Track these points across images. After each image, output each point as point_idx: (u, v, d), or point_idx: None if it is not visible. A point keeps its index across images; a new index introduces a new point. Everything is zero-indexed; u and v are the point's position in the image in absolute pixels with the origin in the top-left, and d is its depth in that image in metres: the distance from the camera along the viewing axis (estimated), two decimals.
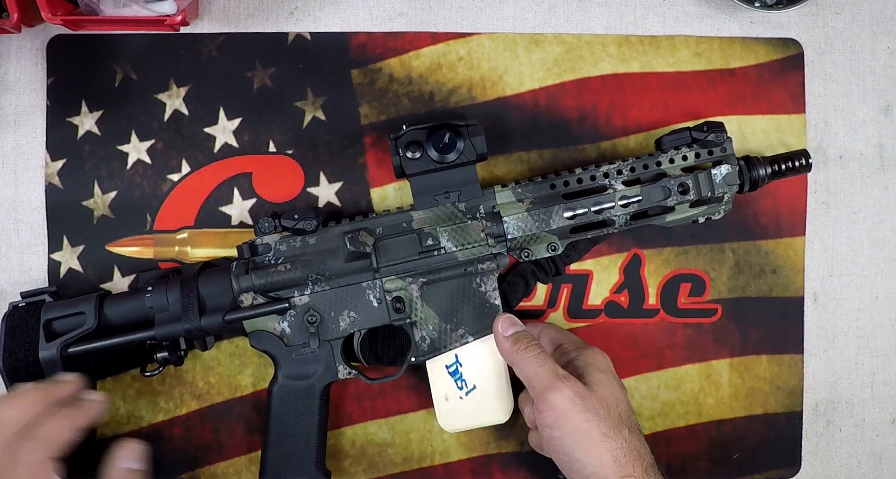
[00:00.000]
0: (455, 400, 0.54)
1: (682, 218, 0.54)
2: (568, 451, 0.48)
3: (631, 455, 0.47)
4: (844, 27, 0.60)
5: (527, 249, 0.53)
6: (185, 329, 0.52)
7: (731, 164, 0.53)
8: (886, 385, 0.61)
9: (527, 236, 0.53)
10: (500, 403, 0.54)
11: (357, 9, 0.58)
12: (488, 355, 0.53)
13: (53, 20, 0.52)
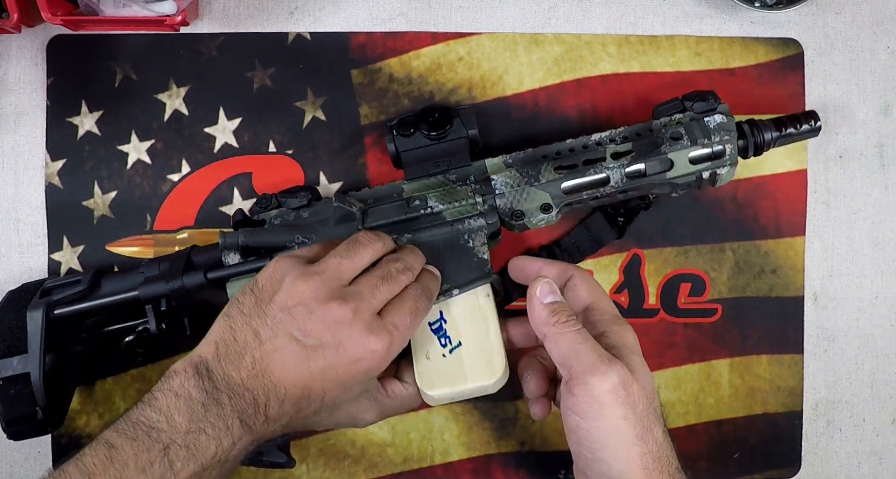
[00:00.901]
0: (437, 358, 0.49)
1: (685, 174, 0.51)
2: (595, 448, 0.43)
3: (660, 461, 0.43)
4: (844, 27, 0.60)
5: (518, 210, 0.51)
6: (167, 288, 0.51)
7: (724, 113, 0.52)
8: (886, 385, 0.61)
9: (516, 193, 0.51)
10: (489, 362, 0.49)
11: (357, 9, 0.58)
12: (475, 309, 0.50)
13: (53, 20, 0.52)
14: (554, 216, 0.52)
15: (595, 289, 0.49)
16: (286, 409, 0.43)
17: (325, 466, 0.58)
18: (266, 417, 0.43)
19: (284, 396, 0.43)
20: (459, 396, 0.50)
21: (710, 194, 0.59)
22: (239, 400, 0.42)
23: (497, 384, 0.49)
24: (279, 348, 0.43)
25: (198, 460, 0.41)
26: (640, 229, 0.59)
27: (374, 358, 0.44)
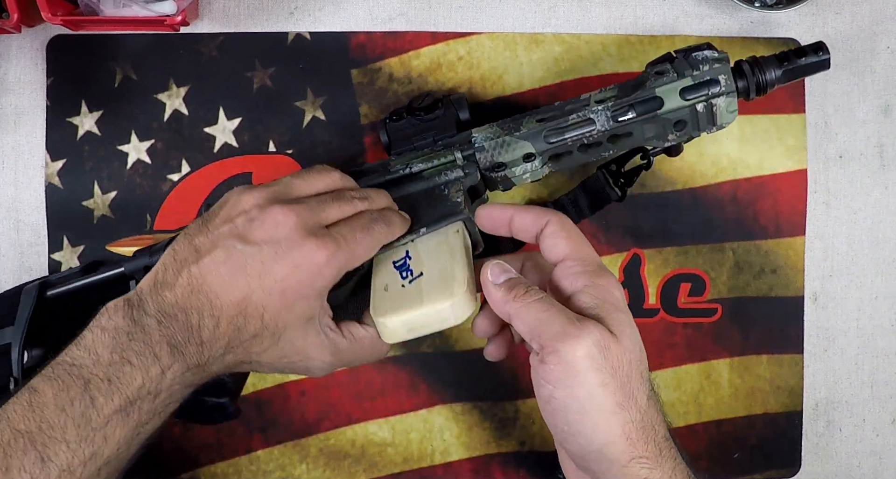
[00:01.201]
0: (396, 289, 0.45)
1: (676, 108, 0.47)
2: (572, 420, 0.38)
3: (645, 430, 0.38)
4: (844, 27, 0.60)
5: (499, 162, 0.49)
6: (151, 261, 0.50)
7: (714, 49, 0.48)
8: (886, 385, 0.61)
9: (496, 145, 0.49)
10: (449, 286, 0.43)
11: (357, 9, 0.58)
12: (443, 244, 0.46)
13: (53, 20, 0.52)
14: (539, 166, 0.48)
15: (574, 236, 0.43)
16: (223, 330, 0.41)
17: (325, 466, 0.59)
18: (200, 340, 0.40)
19: (221, 313, 0.41)
20: (417, 326, 0.44)
21: (710, 194, 0.59)
22: (170, 323, 0.40)
23: (458, 310, 0.43)
24: (217, 258, 0.41)
25: (122, 392, 0.38)
26: (639, 229, 0.59)
27: (314, 265, 0.41)
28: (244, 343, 0.42)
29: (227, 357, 0.42)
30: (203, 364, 0.41)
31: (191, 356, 0.40)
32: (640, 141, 0.49)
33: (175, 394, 0.41)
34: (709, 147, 0.59)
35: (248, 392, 0.58)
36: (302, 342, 0.43)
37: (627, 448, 0.38)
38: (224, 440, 0.58)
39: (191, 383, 0.42)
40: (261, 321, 0.41)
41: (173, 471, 0.58)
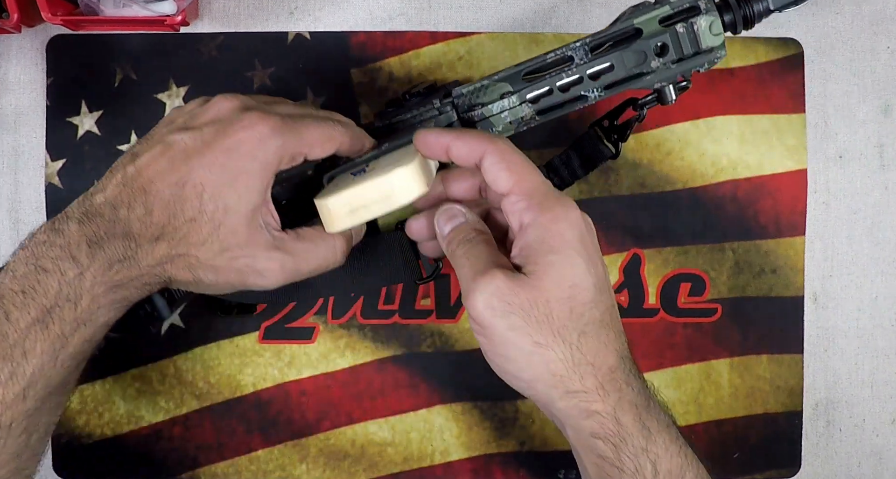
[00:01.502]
0: (344, 180, 0.44)
1: (656, 32, 0.44)
2: (498, 363, 0.39)
3: (578, 366, 0.37)
4: (844, 27, 0.60)
5: (477, 103, 0.46)
6: None
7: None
8: (886, 385, 0.61)
9: (475, 91, 0.46)
10: (396, 164, 0.41)
11: (357, 9, 0.58)
12: (401, 151, 0.44)
13: (53, 20, 0.52)
14: (517, 103, 0.46)
15: (516, 166, 0.40)
16: (155, 218, 0.38)
17: (325, 466, 0.59)
18: (128, 232, 0.37)
19: (154, 200, 0.38)
20: (360, 204, 0.42)
21: (710, 194, 0.59)
22: (92, 222, 0.37)
23: (401, 184, 0.41)
24: (155, 152, 0.39)
25: (38, 302, 0.36)
26: (639, 229, 0.59)
27: (257, 136, 0.39)
28: (180, 230, 0.38)
29: (159, 247, 0.38)
30: (130, 258, 0.37)
31: (114, 251, 0.37)
32: (621, 73, 0.45)
33: (100, 298, 0.37)
34: (709, 147, 0.59)
35: (247, 392, 0.58)
36: (245, 233, 0.40)
37: (557, 384, 0.38)
38: (224, 440, 0.58)
39: (118, 283, 0.37)
40: (199, 202, 0.38)
41: (173, 471, 0.58)
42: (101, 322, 0.38)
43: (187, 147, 0.39)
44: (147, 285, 0.39)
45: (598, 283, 0.39)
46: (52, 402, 0.38)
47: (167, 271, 0.39)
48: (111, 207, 0.38)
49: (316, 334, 0.58)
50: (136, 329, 0.58)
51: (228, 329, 0.58)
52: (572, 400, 0.38)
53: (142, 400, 0.58)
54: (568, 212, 0.39)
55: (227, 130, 0.39)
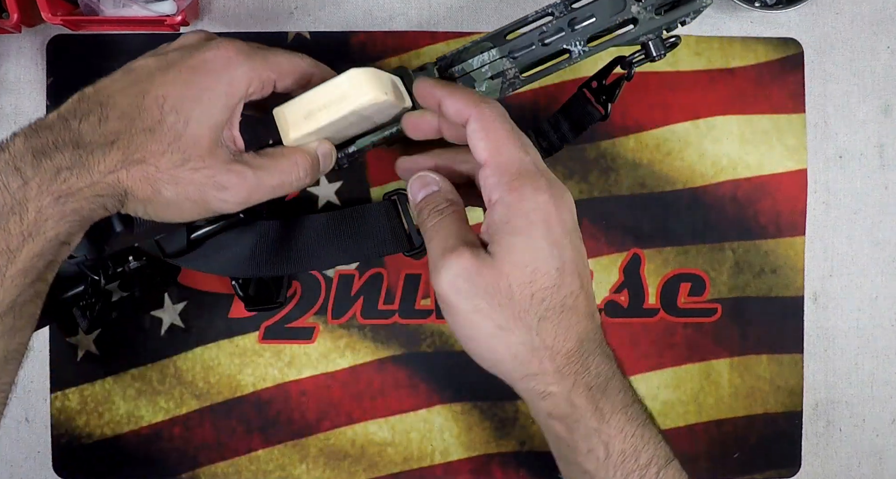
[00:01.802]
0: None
1: None
2: (463, 341, 0.39)
3: (536, 350, 0.38)
4: (844, 27, 0.60)
5: (458, 60, 0.45)
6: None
7: None
8: (886, 385, 0.61)
9: (458, 51, 0.45)
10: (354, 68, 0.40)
11: (357, 8, 0.58)
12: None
13: (53, 20, 0.52)
14: (496, 56, 0.45)
15: (494, 136, 0.39)
16: (110, 126, 0.36)
17: (325, 466, 0.59)
18: (78, 141, 0.36)
19: (110, 111, 0.37)
20: (315, 107, 0.41)
21: (710, 194, 0.59)
22: (40, 134, 0.36)
23: (355, 83, 0.40)
24: (117, 74, 0.38)
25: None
26: (639, 229, 0.59)
27: (224, 56, 0.39)
28: (137, 138, 0.37)
29: (112, 154, 0.36)
30: (79, 165, 0.35)
31: (62, 159, 0.35)
32: (602, 23, 0.44)
33: (48, 209, 0.35)
34: (709, 147, 0.59)
35: (247, 392, 0.58)
36: (207, 146, 0.38)
37: (518, 367, 0.38)
38: (224, 440, 0.58)
39: (67, 192, 0.35)
40: (160, 112, 0.37)
41: (173, 471, 0.58)
42: (51, 236, 0.35)
43: (150, 67, 0.38)
44: (100, 196, 0.36)
45: (562, 266, 0.38)
46: (5, 324, 0.36)
47: (122, 181, 0.37)
48: (62, 119, 0.36)
49: (316, 334, 0.58)
50: (135, 329, 0.58)
51: (228, 329, 0.58)
52: (531, 382, 0.39)
53: (142, 400, 0.58)
54: (536, 193, 0.38)
55: (192, 53, 0.39)
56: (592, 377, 0.39)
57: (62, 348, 0.58)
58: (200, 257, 0.48)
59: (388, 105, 0.41)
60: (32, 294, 0.37)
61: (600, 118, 0.50)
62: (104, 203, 0.37)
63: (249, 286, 0.53)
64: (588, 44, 0.44)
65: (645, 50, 0.45)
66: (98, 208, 0.37)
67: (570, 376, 0.38)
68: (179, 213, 0.39)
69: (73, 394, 0.58)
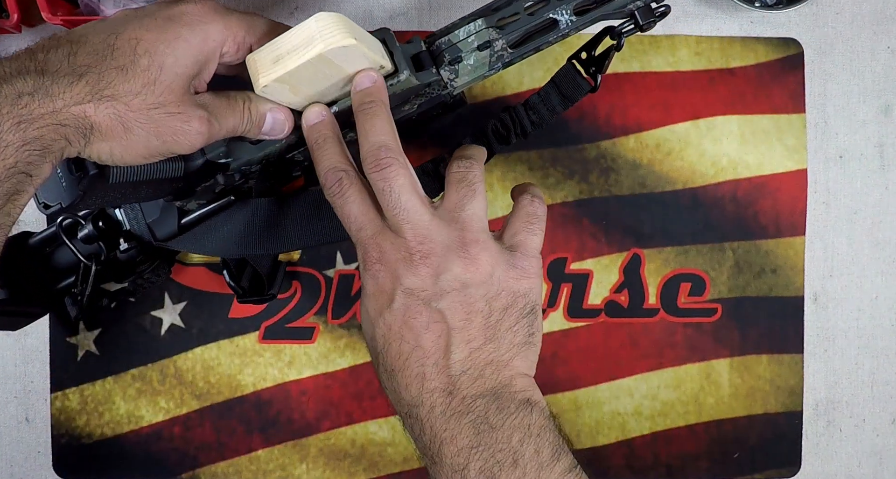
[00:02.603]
0: None
1: None
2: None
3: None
4: (844, 27, 0.60)
5: (445, 32, 0.45)
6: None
7: None
8: (886, 385, 0.61)
9: (444, 28, 0.46)
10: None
11: (357, 8, 0.58)
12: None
13: (53, 20, 0.52)
14: (482, 26, 0.44)
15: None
16: (79, 60, 0.36)
17: (325, 466, 0.59)
18: (43, 69, 0.35)
19: (80, 47, 0.36)
20: (283, 51, 0.40)
21: (710, 194, 0.59)
22: (4, 64, 0.35)
23: (322, 26, 0.39)
24: (93, 22, 0.39)
25: None
26: (639, 229, 0.59)
27: (198, 10, 0.39)
28: (107, 74, 0.36)
29: (79, 85, 0.36)
30: (42, 91, 0.35)
31: (23, 84, 0.34)
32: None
33: (7, 135, 0.34)
34: (709, 147, 0.59)
35: (247, 392, 0.58)
36: (180, 94, 0.38)
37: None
38: (224, 439, 0.58)
39: (27, 118, 0.34)
40: (132, 54, 0.37)
41: (173, 471, 0.58)
42: (10, 163, 0.34)
43: (126, 14, 0.39)
44: (62, 126, 0.35)
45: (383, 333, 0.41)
46: None
47: (89, 115, 0.36)
48: (29, 52, 0.36)
49: (316, 334, 0.58)
50: (135, 329, 0.58)
51: (228, 329, 0.58)
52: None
53: (142, 400, 0.58)
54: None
55: (169, 5, 0.39)
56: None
57: (62, 348, 0.58)
58: (192, 238, 0.48)
59: (360, 55, 0.40)
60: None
61: (590, 90, 0.50)
62: (66, 134, 0.36)
63: (242, 278, 0.53)
64: (575, 14, 0.44)
65: (633, 20, 0.45)
66: (60, 139, 0.35)
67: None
68: (145, 152, 0.39)
69: (73, 394, 0.58)
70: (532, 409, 0.40)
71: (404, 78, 0.43)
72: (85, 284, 0.49)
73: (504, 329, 0.40)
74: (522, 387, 0.40)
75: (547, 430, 0.40)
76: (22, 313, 0.52)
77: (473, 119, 0.58)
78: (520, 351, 0.41)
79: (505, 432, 0.39)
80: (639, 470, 0.59)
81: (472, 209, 0.41)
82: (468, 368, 0.40)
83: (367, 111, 0.41)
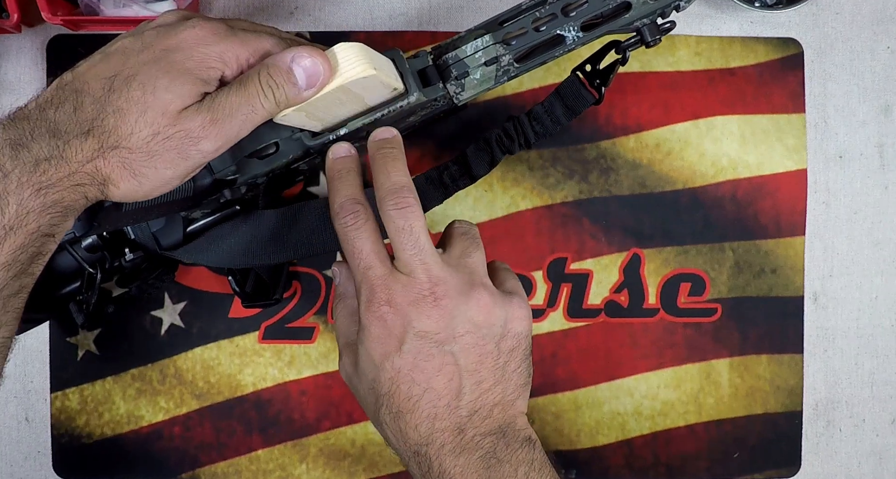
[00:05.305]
0: None
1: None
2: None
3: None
4: (844, 27, 0.60)
5: (452, 47, 0.45)
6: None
7: None
8: (886, 385, 0.61)
9: (452, 40, 0.45)
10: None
11: (357, 8, 0.58)
12: None
13: (53, 20, 0.52)
14: (490, 42, 0.44)
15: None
16: (85, 114, 0.37)
17: (325, 466, 0.59)
18: (55, 130, 0.36)
19: (85, 98, 0.37)
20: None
21: (710, 194, 0.59)
22: (16, 125, 0.36)
23: (344, 55, 0.39)
24: (95, 58, 0.39)
25: None
26: (639, 229, 0.59)
27: (196, 36, 0.38)
28: (108, 122, 0.37)
29: (88, 143, 0.36)
30: (57, 156, 0.36)
31: (40, 150, 0.35)
32: (596, 6, 0.44)
33: (29, 202, 0.35)
34: (709, 147, 0.59)
35: (247, 392, 0.58)
36: (175, 115, 0.37)
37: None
38: (224, 439, 0.58)
39: (47, 184, 0.35)
40: (127, 90, 0.37)
41: (173, 471, 0.58)
42: (33, 228, 0.35)
43: (126, 48, 0.38)
44: (80, 186, 0.36)
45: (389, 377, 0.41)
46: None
47: (101, 170, 0.37)
48: (39, 109, 0.37)
49: (316, 334, 0.58)
50: (135, 329, 0.58)
51: (228, 329, 0.58)
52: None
53: (142, 400, 0.58)
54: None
55: (168, 32, 0.39)
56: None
57: (62, 348, 0.58)
58: (197, 249, 0.48)
59: (378, 83, 0.41)
60: (17, 288, 0.37)
61: (594, 102, 0.50)
62: (85, 193, 0.37)
63: (247, 283, 0.53)
64: (582, 30, 0.44)
65: (639, 35, 0.45)
66: (80, 198, 0.37)
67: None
68: (161, 183, 0.39)
69: (73, 394, 0.58)
70: (533, 446, 0.41)
71: (414, 99, 0.43)
72: (90, 292, 0.49)
73: (511, 371, 0.42)
74: (523, 425, 0.42)
75: (547, 465, 0.42)
76: (24, 319, 0.52)
77: (474, 121, 0.58)
78: (522, 392, 0.42)
79: (512, 465, 0.40)
80: (639, 470, 0.59)
81: (476, 257, 0.43)
82: (478, 408, 0.41)
83: (389, 154, 0.42)
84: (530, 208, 0.59)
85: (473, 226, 0.45)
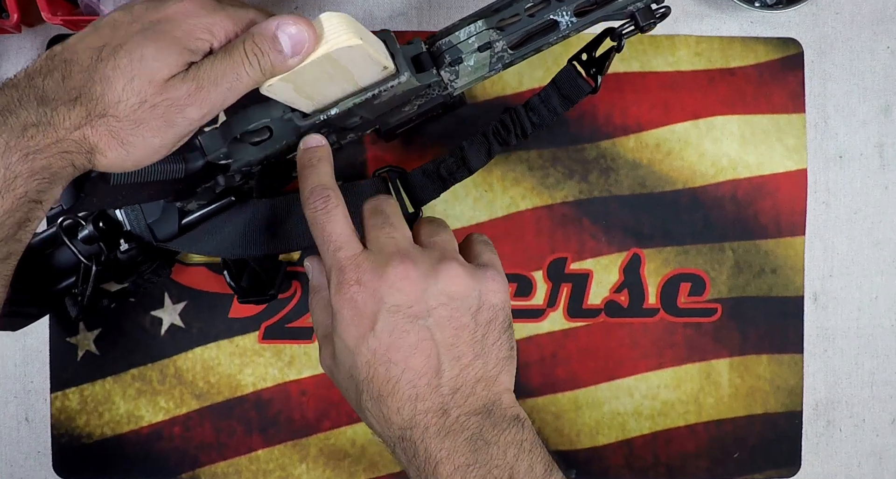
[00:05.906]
0: None
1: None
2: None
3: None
4: (844, 27, 0.60)
5: (445, 33, 0.45)
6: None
7: None
8: (886, 385, 0.61)
9: (445, 29, 0.45)
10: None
11: (357, 9, 0.58)
12: None
13: (53, 20, 0.52)
14: (483, 27, 0.44)
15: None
16: (74, 82, 0.37)
17: (325, 466, 0.59)
18: (43, 96, 0.36)
19: (74, 67, 0.37)
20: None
21: (710, 194, 0.59)
22: (7, 92, 0.36)
23: (329, 25, 0.39)
24: (86, 30, 0.39)
25: None
26: (639, 229, 0.59)
27: (184, 9, 0.39)
28: (95, 90, 0.37)
29: (76, 110, 0.36)
30: (45, 122, 0.36)
31: (27, 116, 0.35)
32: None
33: (16, 166, 0.35)
34: (709, 147, 0.59)
35: (247, 392, 0.58)
36: (161, 84, 0.37)
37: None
38: (224, 440, 0.58)
39: (34, 149, 0.35)
40: (114, 59, 0.37)
41: (173, 471, 0.58)
42: (20, 193, 0.35)
43: (116, 20, 0.39)
44: (67, 153, 0.36)
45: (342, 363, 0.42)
46: None
47: (88, 137, 0.37)
48: (28, 77, 0.37)
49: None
50: (135, 329, 0.58)
51: (228, 329, 0.58)
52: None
53: (142, 400, 0.58)
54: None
55: (158, 6, 0.39)
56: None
57: (62, 348, 0.58)
58: (192, 239, 0.48)
59: (366, 56, 0.40)
60: (5, 253, 0.37)
61: (590, 91, 0.50)
62: (72, 160, 0.37)
63: (242, 277, 0.53)
64: (576, 15, 0.44)
65: (634, 21, 0.45)
66: (67, 165, 0.37)
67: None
68: (149, 152, 0.39)
69: (73, 394, 0.58)
70: (522, 425, 0.40)
71: (405, 79, 0.43)
72: (85, 284, 0.49)
73: (490, 344, 0.41)
74: (510, 403, 0.41)
75: (537, 446, 0.41)
76: (22, 314, 0.52)
77: (473, 119, 0.58)
78: (504, 366, 0.41)
79: (500, 448, 0.39)
80: (639, 470, 0.59)
81: (444, 236, 0.43)
82: (460, 385, 0.40)
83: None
84: (530, 208, 0.59)
85: (441, 219, 0.46)
